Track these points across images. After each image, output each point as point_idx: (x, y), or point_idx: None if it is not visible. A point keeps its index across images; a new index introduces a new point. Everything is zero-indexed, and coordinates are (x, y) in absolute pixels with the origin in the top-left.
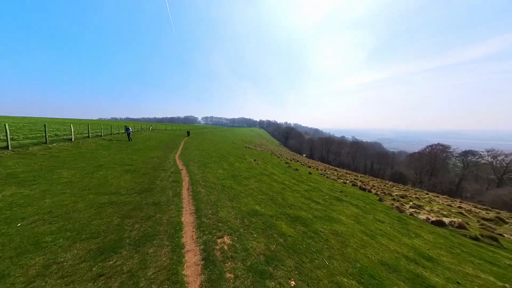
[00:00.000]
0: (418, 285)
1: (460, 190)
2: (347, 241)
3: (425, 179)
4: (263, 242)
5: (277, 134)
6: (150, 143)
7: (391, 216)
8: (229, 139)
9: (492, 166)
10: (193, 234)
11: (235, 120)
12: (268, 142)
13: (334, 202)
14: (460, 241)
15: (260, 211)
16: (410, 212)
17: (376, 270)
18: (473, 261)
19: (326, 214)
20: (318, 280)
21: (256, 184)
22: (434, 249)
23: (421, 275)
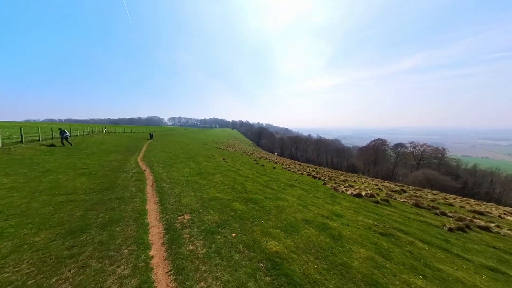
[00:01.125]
0: (322, 229)
1: (394, 175)
2: (284, 210)
3: (371, 168)
4: (217, 215)
5: (250, 134)
6: (106, 147)
7: (327, 193)
8: (200, 140)
9: (413, 155)
10: (157, 216)
11: (207, 121)
12: (241, 143)
13: (286, 187)
14: (366, 204)
15: (220, 197)
16: (342, 190)
17: (297, 224)
18: (366, 214)
19: (276, 196)
20: (253, 232)
21: (220, 178)
22: (345, 210)
23: (326, 223)
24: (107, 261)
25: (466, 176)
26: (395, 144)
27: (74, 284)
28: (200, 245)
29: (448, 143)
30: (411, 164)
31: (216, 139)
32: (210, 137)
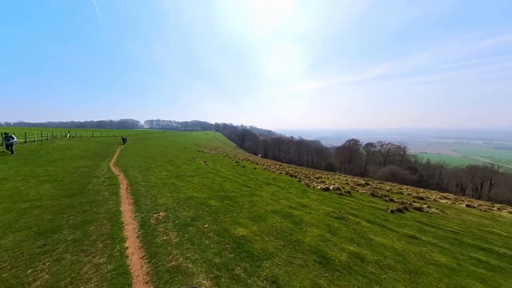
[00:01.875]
0: (287, 217)
1: (366, 171)
2: (256, 204)
3: (346, 166)
4: (192, 211)
5: (234, 136)
6: (71, 153)
7: (299, 189)
8: (181, 144)
9: (380, 153)
10: (132, 215)
11: (188, 124)
12: (224, 145)
13: (263, 185)
14: (331, 196)
15: (196, 196)
16: (313, 186)
17: (266, 214)
18: (328, 204)
19: (251, 193)
20: (224, 222)
21: (199, 179)
22: (311, 201)
23: (291, 213)
24: (82, 254)
25: (422, 169)
26: (366, 144)
27: (51, 273)
28: (174, 236)
29: (410, 141)
30: (380, 161)
31: (198, 142)
32: (191, 140)
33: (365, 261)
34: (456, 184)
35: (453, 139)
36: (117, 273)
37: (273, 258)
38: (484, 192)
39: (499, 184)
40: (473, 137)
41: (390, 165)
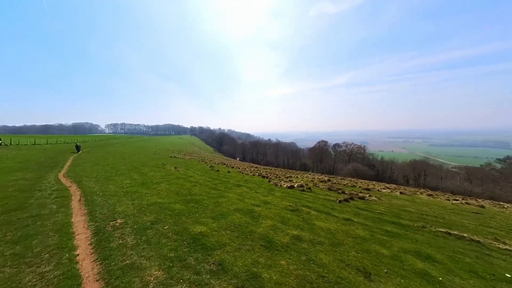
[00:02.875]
0: (247, 213)
1: (335, 169)
2: (221, 204)
3: (318, 165)
4: (153, 216)
5: (211, 140)
6: (4, 164)
7: (267, 188)
8: (150, 149)
9: (345, 152)
10: (85, 225)
11: (160, 128)
12: (200, 150)
13: (233, 187)
14: (293, 193)
15: (161, 201)
16: (280, 185)
17: (228, 212)
18: (289, 199)
19: (219, 195)
20: (185, 223)
21: (167, 186)
22: (275, 198)
23: (253, 209)
24: (24, 265)
25: (378, 165)
26: (333, 144)
27: None
28: (131, 239)
29: (370, 141)
30: (345, 159)
31: (171, 147)
32: (163, 146)
33: (302, 241)
34: (402, 176)
35: (402, 138)
36: (65, 277)
37: (225, 247)
38: (421, 181)
39: (431, 174)
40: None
41: (353, 163)
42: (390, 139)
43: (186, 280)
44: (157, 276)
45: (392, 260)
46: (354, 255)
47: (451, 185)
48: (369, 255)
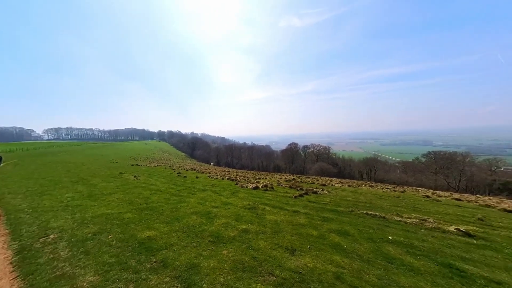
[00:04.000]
0: (204, 215)
1: (305, 169)
2: (179, 209)
3: (290, 166)
4: (97, 227)
5: (182, 145)
6: None
7: (232, 191)
8: (106, 158)
9: (313, 153)
10: (5, 245)
11: (120, 132)
12: (170, 156)
13: (197, 192)
14: (256, 193)
15: (109, 212)
16: (246, 186)
17: (184, 216)
18: (250, 199)
19: (180, 200)
20: (134, 230)
21: (120, 196)
22: (237, 199)
23: (211, 211)
24: None
25: (340, 164)
26: (303, 146)
27: None
28: (65, 252)
29: (335, 142)
30: (313, 159)
31: (134, 154)
32: (124, 153)
33: (248, 233)
34: (358, 172)
35: (359, 139)
36: None
37: (172, 247)
38: (372, 175)
39: (379, 168)
40: (369, 137)
41: (320, 162)
42: (350, 140)
43: (123, 279)
44: (91, 281)
45: (318, 238)
46: (288, 238)
47: (393, 177)
48: (300, 237)
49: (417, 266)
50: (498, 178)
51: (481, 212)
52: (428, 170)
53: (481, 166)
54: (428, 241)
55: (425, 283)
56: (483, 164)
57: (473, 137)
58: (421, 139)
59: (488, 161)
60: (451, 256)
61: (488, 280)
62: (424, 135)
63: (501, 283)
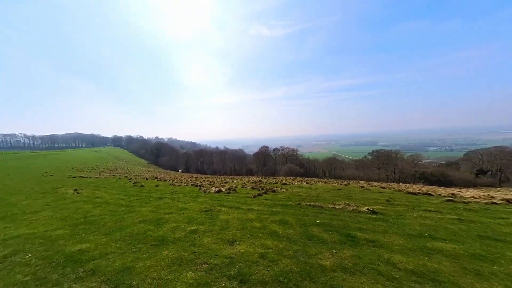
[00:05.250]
0: (153, 222)
1: (276, 171)
2: (125, 220)
3: (262, 168)
4: (10, 249)
5: (144, 152)
6: None
7: (193, 196)
8: (37, 170)
9: (283, 155)
10: None
11: (58, 139)
12: (128, 164)
13: (152, 201)
14: (218, 196)
15: (29, 232)
16: (209, 191)
17: (129, 225)
18: (208, 202)
19: (129, 210)
20: (62, 245)
21: (50, 213)
22: (195, 204)
23: (163, 218)
24: None
25: (306, 164)
26: (273, 149)
27: None
28: None
29: (304, 144)
30: (283, 161)
31: (78, 164)
32: (63, 164)
33: (196, 232)
34: (322, 170)
35: (324, 141)
36: None
37: (107, 255)
38: (332, 173)
39: (338, 167)
40: (332, 139)
41: (289, 164)
42: (317, 142)
43: None
44: None
45: (259, 229)
46: (233, 232)
47: (348, 173)
48: (244, 230)
49: (327, 238)
50: (419, 170)
51: (392, 195)
52: (373, 166)
53: (408, 160)
54: (343, 220)
55: (326, 250)
56: (409, 159)
57: (404, 137)
58: (370, 140)
59: (412, 157)
60: (353, 228)
61: (368, 240)
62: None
63: (375, 241)
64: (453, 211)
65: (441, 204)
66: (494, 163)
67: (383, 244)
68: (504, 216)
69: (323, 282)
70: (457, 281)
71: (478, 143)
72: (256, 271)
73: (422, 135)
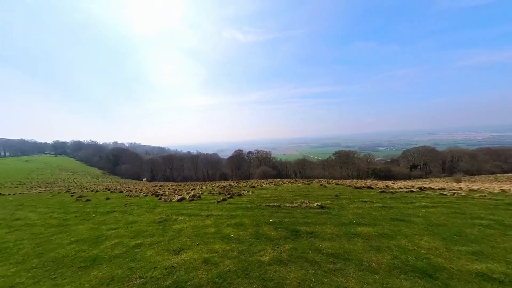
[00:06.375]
0: (90, 241)
1: (250, 174)
2: (52, 241)
3: (236, 172)
4: None
5: (98, 160)
6: None
7: (150, 206)
8: None
9: (257, 158)
10: None
11: None
12: (75, 175)
13: (97, 216)
14: (179, 205)
15: None
16: (170, 199)
17: (55, 248)
18: (166, 212)
19: (61, 230)
20: None
21: None
22: (150, 215)
23: (103, 234)
24: None
25: (279, 166)
26: (247, 152)
27: None
28: None
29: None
30: (257, 164)
31: None
32: None
33: (140, 246)
34: (293, 171)
35: (296, 144)
36: None
37: None
38: (303, 173)
39: (307, 167)
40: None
41: (262, 166)
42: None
43: None
44: None
45: (213, 234)
46: (183, 241)
47: (316, 173)
48: (196, 237)
49: (274, 235)
50: (371, 167)
51: (342, 191)
52: (336, 165)
53: (363, 159)
54: (295, 217)
55: (270, 246)
56: (363, 158)
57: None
58: (335, 142)
59: (365, 156)
60: (300, 223)
61: (308, 233)
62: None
63: (313, 232)
64: (381, 200)
65: (375, 195)
66: (422, 159)
67: (318, 234)
68: (414, 201)
69: (256, 276)
70: (361, 257)
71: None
72: (194, 276)
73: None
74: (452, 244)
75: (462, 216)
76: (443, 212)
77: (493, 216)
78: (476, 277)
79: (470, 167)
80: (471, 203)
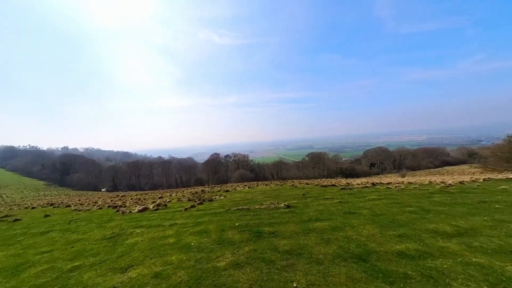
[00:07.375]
0: (11, 269)
1: (228, 178)
2: None
3: (213, 177)
4: None
5: (40, 169)
6: None
7: (103, 220)
8: None
9: (235, 161)
10: None
11: None
12: (3, 190)
13: (25, 240)
14: (139, 216)
15: None
16: (130, 211)
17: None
18: (121, 226)
19: None
20: None
21: None
22: (99, 231)
23: (28, 260)
24: None
25: (256, 168)
26: (225, 156)
27: None
28: None
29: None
30: (235, 167)
31: None
32: None
33: (78, 269)
34: (270, 173)
35: (274, 146)
36: None
37: None
38: (279, 174)
39: (284, 169)
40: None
41: (240, 170)
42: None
43: None
44: None
45: (171, 245)
46: (134, 257)
47: (291, 174)
48: (151, 250)
49: (237, 239)
50: (338, 166)
51: (310, 190)
52: (309, 166)
53: (332, 159)
54: (261, 218)
55: (229, 251)
56: (332, 158)
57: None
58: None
59: (334, 157)
60: (265, 224)
61: (270, 233)
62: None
63: (275, 232)
64: (340, 196)
65: (336, 192)
66: (378, 158)
67: (279, 233)
68: (365, 195)
69: (208, 284)
70: (313, 250)
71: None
72: None
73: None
74: (386, 230)
75: (398, 205)
76: (385, 203)
77: (419, 204)
78: (396, 256)
79: (412, 163)
80: (406, 194)
